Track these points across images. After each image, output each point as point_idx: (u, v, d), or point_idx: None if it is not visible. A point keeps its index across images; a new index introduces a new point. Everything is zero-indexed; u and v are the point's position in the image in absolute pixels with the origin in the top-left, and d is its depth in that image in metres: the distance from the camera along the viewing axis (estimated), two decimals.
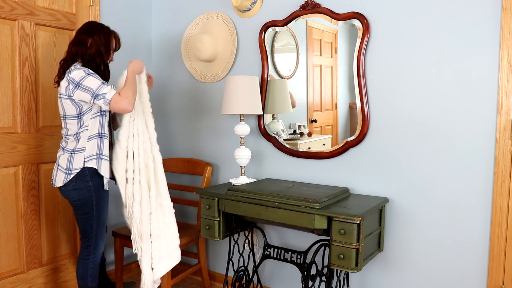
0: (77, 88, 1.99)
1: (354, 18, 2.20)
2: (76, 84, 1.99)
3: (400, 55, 2.12)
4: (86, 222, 2.17)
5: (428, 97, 2.06)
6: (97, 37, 2.12)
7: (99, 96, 1.98)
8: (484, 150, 1.93)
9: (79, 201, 2.12)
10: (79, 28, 2.18)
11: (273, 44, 2.54)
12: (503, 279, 1.92)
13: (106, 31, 2.17)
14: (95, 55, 2.11)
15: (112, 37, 2.20)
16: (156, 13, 3.11)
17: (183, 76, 2.97)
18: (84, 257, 2.22)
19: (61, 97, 2.07)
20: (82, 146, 2.09)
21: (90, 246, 2.21)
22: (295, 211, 1.93)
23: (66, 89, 2.02)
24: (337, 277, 2.15)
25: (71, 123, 2.09)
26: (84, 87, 1.99)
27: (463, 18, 1.95)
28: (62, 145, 2.17)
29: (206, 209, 2.26)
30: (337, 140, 2.38)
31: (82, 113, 2.07)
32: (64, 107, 2.07)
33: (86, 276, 2.22)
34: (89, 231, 2.19)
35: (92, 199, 2.13)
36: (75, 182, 2.09)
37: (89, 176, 2.11)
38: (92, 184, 2.12)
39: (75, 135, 2.09)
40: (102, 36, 2.14)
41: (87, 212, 2.15)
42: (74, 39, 2.15)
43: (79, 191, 2.10)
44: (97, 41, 2.11)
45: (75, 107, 2.05)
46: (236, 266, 2.58)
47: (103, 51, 2.14)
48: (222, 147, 2.81)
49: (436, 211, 2.07)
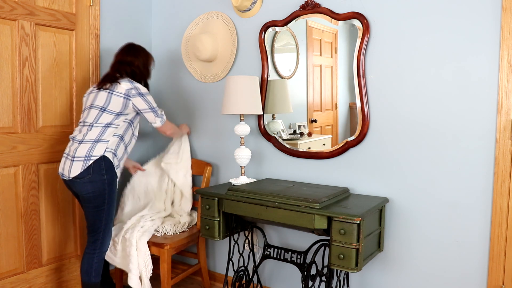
0: (139, 96, 2.27)
1: (354, 18, 2.20)
2: (140, 93, 2.27)
3: (400, 55, 2.12)
4: (97, 216, 2.22)
5: (428, 97, 2.06)
6: (140, 59, 2.42)
7: (158, 114, 2.36)
8: (484, 150, 1.93)
9: (93, 194, 2.18)
10: (122, 49, 2.43)
11: (273, 44, 2.54)
12: (503, 279, 1.92)
13: (146, 52, 2.48)
14: (141, 75, 2.41)
15: (151, 58, 2.51)
16: (156, 13, 3.11)
17: (183, 76, 2.97)
18: (90, 252, 2.26)
19: (113, 93, 2.23)
20: (106, 138, 2.23)
21: (97, 241, 2.26)
22: (295, 211, 1.93)
23: (128, 90, 2.24)
24: (337, 277, 2.15)
25: (106, 117, 2.23)
26: (146, 100, 2.30)
27: (463, 18, 1.95)
28: (78, 138, 2.22)
29: (206, 209, 2.26)
30: (337, 140, 2.38)
31: (121, 113, 2.26)
32: (110, 101, 2.23)
33: (91, 271, 2.25)
34: (98, 225, 2.24)
35: (105, 193, 2.20)
36: (91, 175, 2.16)
37: (105, 169, 2.19)
38: (107, 177, 2.20)
39: (105, 126, 2.23)
40: (144, 58, 2.45)
41: (99, 205, 2.20)
42: (120, 59, 2.38)
43: (94, 184, 2.17)
44: (141, 62, 2.42)
45: (122, 106, 2.24)
46: (236, 266, 2.58)
47: (145, 71, 2.45)
48: (222, 147, 2.81)
49: (436, 211, 2.07)
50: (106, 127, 2.23)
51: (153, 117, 2.34)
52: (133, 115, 2.33)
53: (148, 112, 2.32)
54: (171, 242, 2.44)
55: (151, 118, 2.35)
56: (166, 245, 2.41)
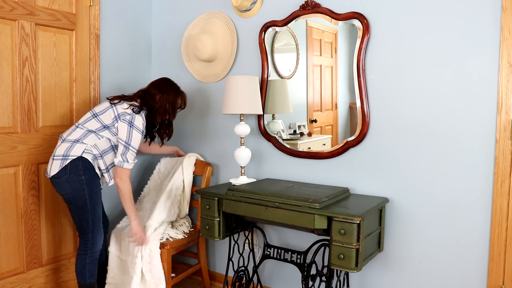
0: (127, 124, 2.20)
1: (354, 18, 2.20)
2: (130, 123, 2.21)
3: (400, 55, 2.12)
4: (82, 217, 2.21)
5: (428, 97, 2.06)
6: (166, 95, 2.35)
7: (125, 154, 2.21)
8: (484, 150, 1.93)
9: (71, 194, 2.17)
10: (153, 81, 2.44)
11: (273, 44, 2.54)
12: (503, 279, 1.92)
13: (177, 92, 2.41)
14: (160, 111, 2.34)
15: (180, 99, 2.43)
16: (156, 13, 3.11)
17: (183, 76, 2.96)
18: (82, 253, 2.26)
19: (112, 107, 2.24)
20: (87, 142, 2.20)
21: (87, 242, 2.25)
22: (295, 211, 1.93)
23: (123, 113, 2.22)
24: (337, 277, 2.15)
25: (94, 123, 2.23)
26: (129, 132, 2.20)
27: (463, 18, 1.95)
28: (63, 136, 2.25)
29: (206, 209, 2.26)
30: (337, 140, 2.38)
31: (108, 127, 2.24)
32: (105, 112, 2.24)
33: (84, 271, 2.25)
34: (86, 226, 2.23)
35: (84, 193, 2.18)
36: (68, 175, 2.15)
37: (82, 169, 2.17)
38: (85, 178, 2.18)
39: (88, 131, 2.22)
40: (172, 96, 2.38)
41: (81, 206, 2.19)
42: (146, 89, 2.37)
43: (72, 184, 2.16)
44: (165, 99, 2.35)
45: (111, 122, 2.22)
46: (236, 266, 2.58)
47: (169, 109, 2.37)
48: (222, 147, 2.81)
49: (436, 211, 2.07)
50: (89, 132, 2.22)
51: (120, 152, 2.20)
52: (115, 140, 2.27)
53: (122, 144, 2.20)
54: (171, 242, 2.45)
55: (119, 151, 2.21)
56: (166, 245, 2.41)
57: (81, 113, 2.64)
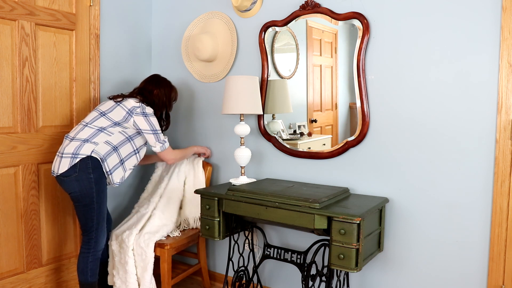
0: (143, 116, 2.30)
1: (354, 18, 2.20)
2: (144, 113, 2.31)
3: (400, 55, 2.12)
4: (88, 215, 2.23)
5: (428, 97, 2.06)
6: (162, 90, 2.48)
7: (159, 139, 2.36)
8: (484, 150, 1.93)
9: (80, 193, 2.18)
10: (146, 79, 2.54)
11: (273, 44, 2.54)
12: (503, 279, 1.92)
13: (170, 85, 2.54)
14: (160, 104, 2.46)
15: (174, 92, 2.57)
16: (156, 13, 3.11)
17: (183, 76, 2.97)
18: (85, 251, 2.27)
19: (119, 105, 2.30)
20: (96, 141, 2.23)
21: (91, 240, 2.26)
22: (295, 211, 1.93)
23: (133, 107, 2.29)
24: (337, 277, 2.15)
25: (103, 121, 2.26)
26: (149, 121, 2.32)
27: (463, 18, 1.95)
28: (70, 135, 2.26)
29: (206, 209, 2.26)
30: (337, 140, 2.38)
31: (119, 124, 2.29)
32: (113, 110, 2.28)
33: (86, 270, 2.26)
34: (90, 224, 2.24)
35: (92, 191, 2.20)
36: (78, 173, 2.17)
37: (91, 168, 2.19)
38: (94, 176, 2.20)
39: (98, 129, 2.25)
40: (167, 89, 2.51)
41: (87, 204, 2.21)
42: (142, 87, 2.48)
43: (80, 183, 2.17)
44: (162, 93, 2.47)
45: (123, 119, 2.28)
46: (236, 266, 2.58)
47: (166, 102, 2.50)
48: (222, 147, 2.81)
49: (436, 211, 2.07)
50: (99, 130, 2.25)
51: (153, 140, 2.35)
52: (133, 132, 2.35)
53: (149, 133, 2.33)
54: (171, 242, 2.45)
55: (151, 141, 2.35)
56: (167, 245, 2.41)
57: (81, 113, 2.64)
